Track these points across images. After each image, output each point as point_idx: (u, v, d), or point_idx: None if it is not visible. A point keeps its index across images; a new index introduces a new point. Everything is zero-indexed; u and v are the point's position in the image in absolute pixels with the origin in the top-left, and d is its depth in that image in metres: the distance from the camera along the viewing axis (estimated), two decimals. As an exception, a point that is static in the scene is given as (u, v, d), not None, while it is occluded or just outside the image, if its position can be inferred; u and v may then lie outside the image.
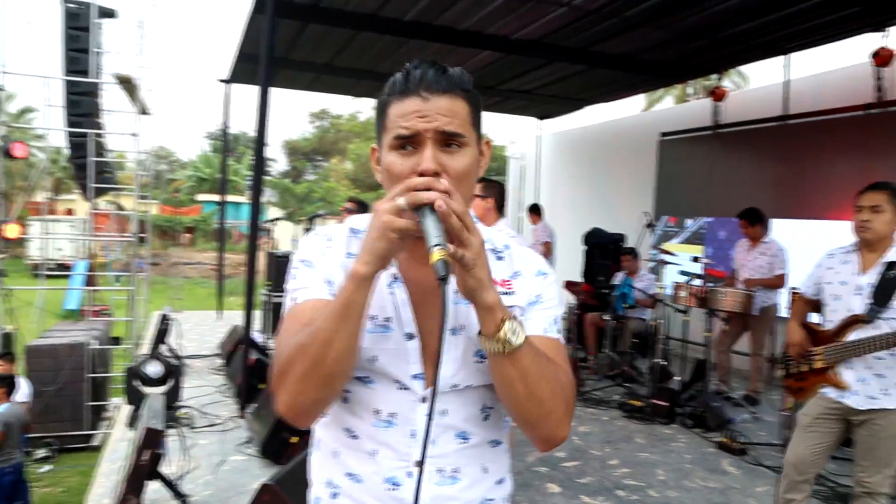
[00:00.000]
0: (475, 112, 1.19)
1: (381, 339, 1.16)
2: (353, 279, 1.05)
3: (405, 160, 1.13)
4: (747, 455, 4.85)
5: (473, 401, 1.21)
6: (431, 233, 1.01)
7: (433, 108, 1.12)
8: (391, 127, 1.15)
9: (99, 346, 9.12)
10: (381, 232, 1.03)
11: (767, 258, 6.13)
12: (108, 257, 17.88)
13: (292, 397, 1.09)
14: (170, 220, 27.92)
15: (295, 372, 1.07)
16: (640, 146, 9.92)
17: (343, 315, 1.04)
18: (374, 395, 1.18)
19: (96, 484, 4.36)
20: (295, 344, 1.08)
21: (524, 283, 1.26)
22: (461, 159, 1.14)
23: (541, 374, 1.13)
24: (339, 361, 1.06)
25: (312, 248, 1.24)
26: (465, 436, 1.20)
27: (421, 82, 1.13)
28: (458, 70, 1.17)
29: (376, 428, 1.18)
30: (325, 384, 1.08)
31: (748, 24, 6.62)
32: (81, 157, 9.80)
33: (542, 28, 7.09)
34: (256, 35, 6.99)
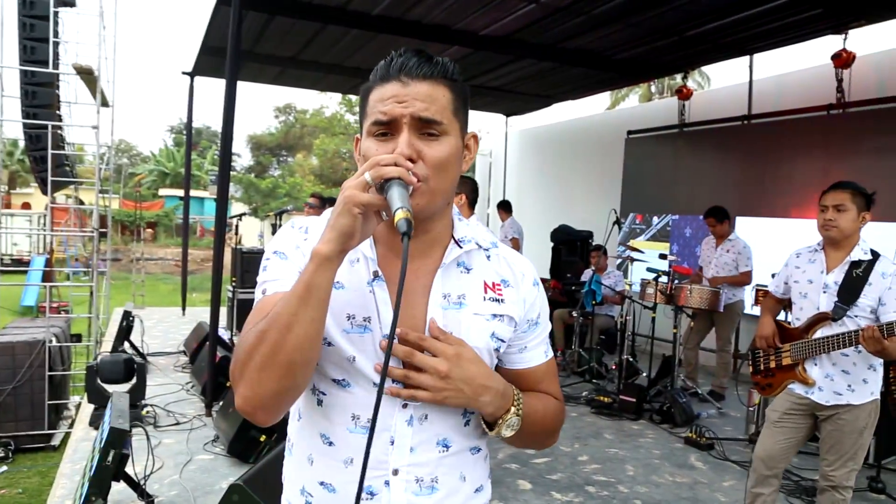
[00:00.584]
0: (459, 102, 1.14)
1: (360, 340, 1.11)
2: (315, 259, 0.99)
3: (381, 146, 1.09)
4: (714, 450, 4.93)
5: (455, 408, 1.17)
6: (396, 199, 0.98)
7: (411, 94, 1.08)
8: (370, 112, 1.11)
9: (59, 343, 8.89)
10: (344, 207, 0.98)
11: (732, 255, 6.24)
12: (67, 253, 17.43)
13: (251, 388, 1.01)
14: (131, 215, 27.31)
15: (254, 360, 1.00)
16: (606, 144, 10.01)
17: (303, 297, 0.98)
18: (352, 399, 1.13)
19: (58, 485, 4.25)
20: (255, 331, 1.02)
21: (516, 294, 1.23)
22: (439, 147, 1.09)
23: (539, 428, 1.22)
24: (299, 349, 0.99)
25: (287, 240, 1.19)
26: (446, 444, 1.16)
27: (402, 68, 1.10)
28: (446, 59, 1.13)
29: (353, 434, 1.13)
30: (285, 373, 1.00)
31: (714, 24, 6.71)
32: (39, 149, 9.52)
33: (511, 24, 7.09)
34: (221, 27, 6.87)
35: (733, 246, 6.28)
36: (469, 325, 1.15)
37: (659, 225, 9.08)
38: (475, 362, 1.12)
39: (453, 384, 1.09)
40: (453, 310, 1.15)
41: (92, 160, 11.88)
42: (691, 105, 8.65)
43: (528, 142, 12.65)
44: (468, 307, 1.17)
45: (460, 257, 1.19)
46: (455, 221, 1.22)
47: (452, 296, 1.16)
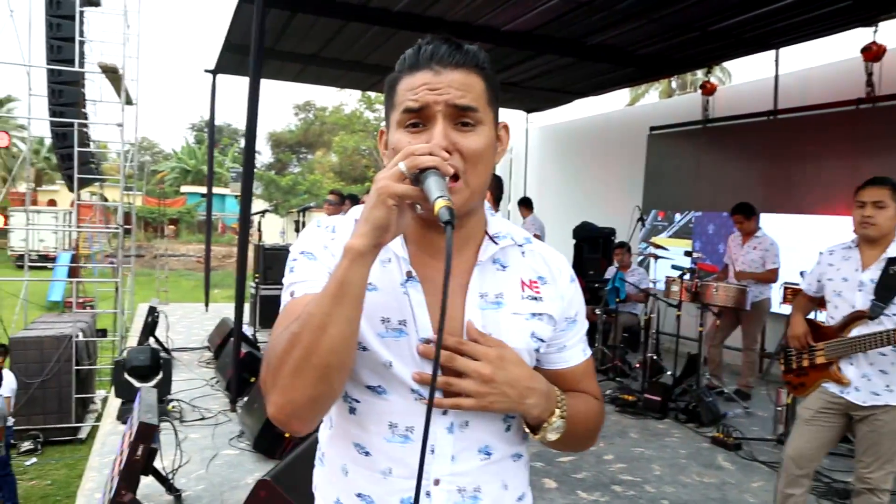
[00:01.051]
0: (492, 91, 1.09)
1: (396, 345, 1.06)
2: (348, 254, 0.94)
3: (414, 138, 1.03)
4: (742, 450, 4.87)
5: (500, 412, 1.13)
6: (434, 188, 0.93)
7: (444, 81, 1.03)
8: (399, 102, 1.06)
9: (85, 338, 9.02)
10: (378, 198, 0.93)
11: (760, 252, 6.16)
12: (92, 249, 17.66)
13: (284, 395, 0.96)
14: (154, 212, 27.65)
15: (287, 365, 0.94)
16: (628, 140, 9.93)
17: (337, 296, 0.93)
18: (389, 406, 1.08)
19: (87, 478, 4.30)
20: (286, 333, 0.96)
21: (554, 291, 1.18)
22: (476, 139, 1.04)
23: (581, 430, 1.18)
24: (335, 350, 0.94)
25: (315, 240, 1.14)
26: (487, 451, 1.12)
27: (433, 56, 1.05)
28: (475, 47, 1.08)
29: (391, 444, 1.08)
30: (320, 377, 0.94)
31: (738, 18, 6.62)
32: (66, 147, 9.65)
33: (534, 20, 7.05)
34: (244, 25, 6.89)
35: (760, 243, 6.20)
36: (508, 325, 1.11)
37: (681, 222, 9.00)
38: (518, 364, 1.08)
39: (498, 388, 1.04)
40: (491, 310, 1.10)
41: (116, 158, 12.01)
42: (715, 101, 8.55)
43: (549, 138, 12.59)
44: (506, 307, 1.12)
45: (496, 254, 1.14)
46: (488, 216, 1.17)
47: (490, 295, 1.11)
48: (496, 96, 1.11)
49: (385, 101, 1.13)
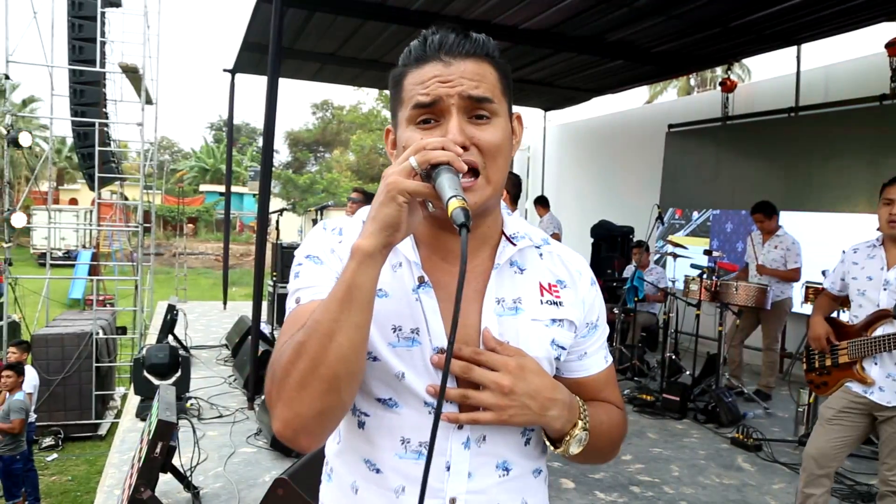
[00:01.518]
0: (505, 81, 1.03)
1: (408, 354, 0.99)
2: (356, 255, 0.88)
3: (427, 134, 0.97)
4: (762, 451, 4.81)
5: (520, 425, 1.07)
6: (447, 186, 0.87)
7: (456, 72, 0.97)
8: (408, 97, 1.00)
9: (105, 335, 9.12)
10: (387, 195, 0.87)
11: (781, 251, 6.08)
12: (112, 247, 17.85)
13: (290, 408, 0.89)
14: (173, 211, 27.90)
15: (292, 377, 0.88)
16: (647, 138, 9.85)
17: (345, 300, 0.87)
18: (400, 420, 1.01)
19: (107, 475, 4.34)
20: (292, 343, 0.90)
21: (574, 295, 1.12)
22: (494, 131, 0.98)
23: (604, 441, 1.11)
24: (344, 359, 0.88)
25: (320, 243, 1.07)
26: (506, 466, 1.05)
27: (441, 46, 0.99)
28: (484, 35, 1.02)
29: (404, 461, 1.01)
30: (328, 388, 0.88)
31: (759, 14, 6.54)
32: (87, 146, 9.76)
33: (552, 17, 7.01)
34: (262, 24, 6.92)
35: (781, 242, 6.12)
36: (527, 333, 1.04)
37: (699, 220, 8.91)
38: (539, 374, 1.01)
39: (518, 400, 0.97)
40: (509, 316, 1.03)
41: (136, 157, 12.13)
42: (735, 98, 8.46)
43: (567, 136, 12.53)
44: (525, 312, 1.05)
45: (514, 256, 1.08)
46: (504, 216, 1.11)
47: (507, 300, 1.05)
48: (509, 86, 1.05)
49: (391, 98, 1.07)
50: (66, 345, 8.58)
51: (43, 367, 8.09)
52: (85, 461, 8.27)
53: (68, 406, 8.63)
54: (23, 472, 6.55)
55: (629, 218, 8.98)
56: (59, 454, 8.58)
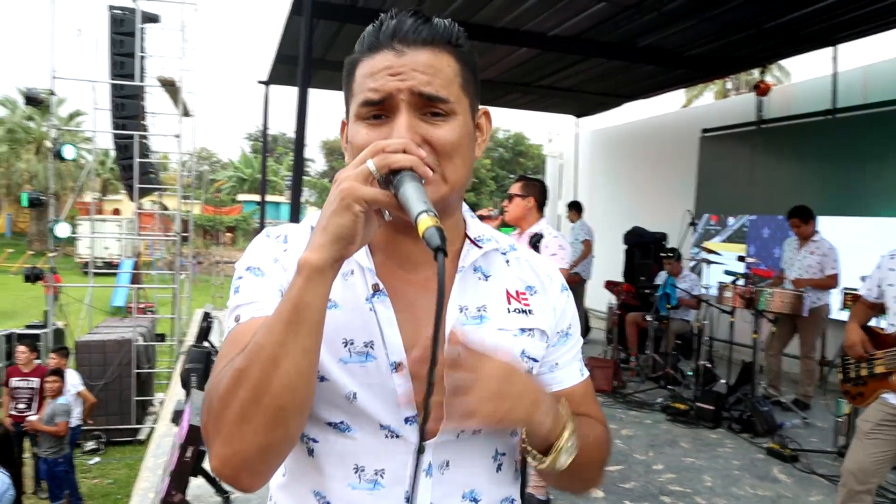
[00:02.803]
0: (468, 73, 0.93)
1: (362, 371, 0.89)
2: (304, 271, 0.78)
3: (374, 131, 0.88)
4: (799, 462, 4.69)
5: (483, 448, 0.96)
6: (415, 199, 0.77)
7: (409, 64, 0.87)
8: (358, 90, 0.90)
9: (144, 342, 9.34)
10: (341, 203, 0.77)
11: (818, 257, 5.94)
12: (153, 256, 18.27)
13: (229, 445, 0.78)
14: (211, 220, 28.43)
15: (231, 409, 0.78)
16: (680, 143, 9.74)
17: (291, 322, 0.77)
18: (354, 446, 0.90)
19: (142, 478, 4.44)
20: (229, 370, 0.80)
21: (545, 302, 1.03)
22: (448, 129, 0.89)
23: (590, 459, 0.97)
24: (290, 388, 0.77)
25: (262, 253, 0.95)
26: (474, 497, 0.95)
27: (395, 33, 0.89)
28: (447, 21, 0.93)
29: (357, 492, 0.90)
30: (273, 422, 0.78)
31: (794, 14, 6.43)
32: (127, 158, 10.04)
33: (581, 24, 7.00)
34: (294, 36, 7.04)
35: (818, 247, 5.98)
36: (493, 343, 0.92)
37: (735, 226, 8.76)
38: (522, 372, 0.90)
39: (508, 401, 0.84)
40: (472, 325, 0.94)
41: (175, 168, 12.42)
42: (770, 101, 8.31)
43: (599, 143, 12.45)
44: (490, 321, 0.96)
45: (478, 261, 0.99)
46: (467, 218, 1.02)
47: (471, 308, 0.95)
48: (473, 78, 0.95)
49: (343, 88, 0.97)
50: (107, 351, 8.83)
51: (85, 372, 8.33)
52: (125, 465, 8.47)
53: (109, 411, 8.87)
54: (65, 473, 6.76)
55: (663, 224, 8.87)
56: (100, 458, 8.81)
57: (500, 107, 11.75)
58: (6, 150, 29.07)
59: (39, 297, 11.54)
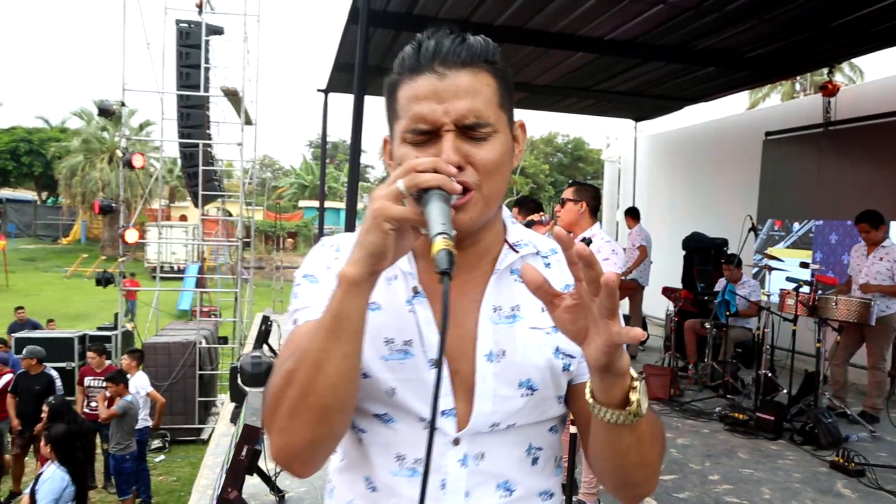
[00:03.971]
0: (504, 89, 0.97)
1: (401, 368, 0.96)
2: (342, 283, 0.84)
3: (421, 152, 0.93)
4: (865, 477, 4.50)
5: (518, 441, 1.00)
6: (435, 219, 0.82)
7: (450, 89, 0.92)
8: (403, 114, 0.95)
9: (208, 344, 9.65)
10: (372, 222, 0.83)
11: (887, 264, 5.70)
12: (217, 261, 18.85)
13: (282, 437, 0.88)
14: (273, 226, 29.14)
15: (283, 406, 0.87)
16: (742, 147, 9.49)
17: (332, 329, 0.84)
18: (396, 436, 0.97)
19: (201, 475, 4.60)
20: (282, 371, 0.89)
21: None
22: (490, 149, 0.94)
23: (654, 435, 0.93)
24: (333, 389, 0.85)
25: (317, 261, 1.04)
26: (508, 486, 0.98)
27: (436, 55, 0.93)
28: (482, 38, 0.97)
29: (398, 479, 0.96)
30: (319, 419, 0.86)
31: (862, 11, 6.18)
32: (192, 166, 10.42)
33: (638, 27, 6.91)
34: (352, 45, 7.18)
35: (888, 253, 5.73)
36: (525, 341, 0.98)
37: (800, 231, 8.47)
38: None
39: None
40: (505, 325, 0.98)
41: (238, 175, 12.82)
42: (838, 102, 8.02)
43: (658, 147, 12.23)
44: (523, 320, 1.00)
45: (515, 264, 1.03)
46: (508, 224, 1.07)
47: (504, 308, 1.00)
48: (509, 93, 0.99)
49: (386, 107, 1.02)
50: (172, 353, 9.17)
51: (152, 373, 8.66)
52: (189, 463, 8.76)
53: (174, 411, 9.20)
54: (136, 471, 7.04)
55: (723, 230, 8.66)
56: (166, 456, 9.14)
57: (559, 111, 11.69)
58: (81, 160, 30.47)
59: (111, 300, 12.08)
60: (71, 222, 35.62)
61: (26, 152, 34.47)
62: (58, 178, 31.56)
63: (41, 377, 7.78)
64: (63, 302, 20.51)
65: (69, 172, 30.29)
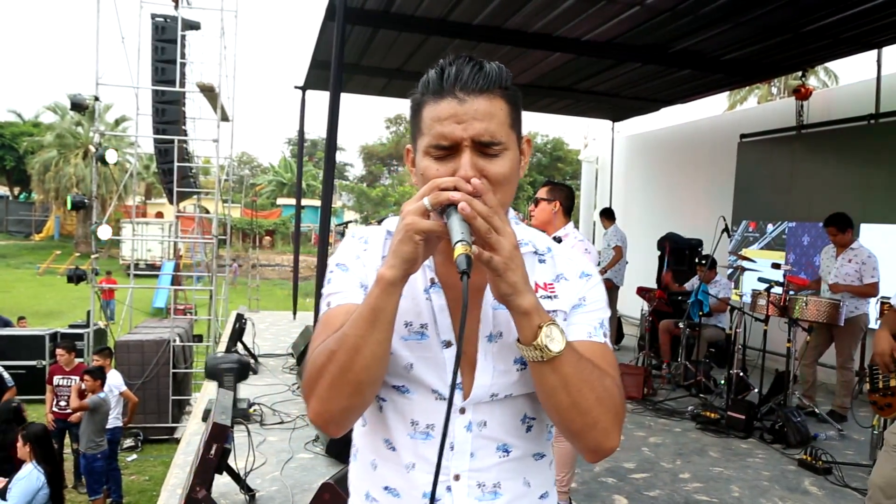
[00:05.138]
0: (515, 111, 1.13)
1: (418, 347, 1.13)
2: (380, 284, 1.02)
3: (441, 165, 1.09)
4: (832, 475, 4.56)
5: (514, 411, 1.17)
6: (455, 230, 0.98)
7: (469, 112, 1.07)
8: (426, 131, 1.11)
9: (181, 342, 9.54)
10: (405, 234, 1.00)
11: (856, 265, 5.79)
12: (193, 258, 18.66)
13: (321, 404, 1.07)
14: (251, 223, 28.92)
15: (324, 378, 1.05)
16: (718, 148, 9.59)
17: (370, 320, 1.02)
18: (411, 405, 1.15)
19: (171, 474, 4.54)
20: (324, 349, 1.06)
21: (567, 287, 1.20)
22: (501, 164, 1.09)
23: (584, 382, 1.06)
24: (367, 369, 1.03)
25: (348, 251, 1.22)
26: (506, 448, 1.16)
27: (457, 82, 1.08)
28: (497, 66, 1.11)
29: (414, 440, 1.15)
30: (354, 392, 1.05)
31: (835, 17, 6.29)
32: (167, 162, 10.28)
33: (615, 28, 6.95)
34: (329, 42, 7.13)
35: (856, 255, 5.82)
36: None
37: (774, 233, 8.58)
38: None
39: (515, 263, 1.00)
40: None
41: (215, 172, 12.70)
42: (810, 105, 8.13)
43: (635, 148, 12.32)
44: None
45: None
46: (513, 225, 1.17)
47: None
48: (518, 114, 1.15)
49: (410, 123, 1.18)
50: (145, 351, 9.04)
51: (124, 371, 8.54)
52: (161, 462, 8.65)
53: (147, 409, 9.07)
54: (106, 470, 6.94)
55: (699, 230, 8.75)
56: (138, 455, 9.02)
57: (537, 111, 11.71)
58: (55, 155, 30.00)
59: (83, 298, 11.90)
60: (44, 218, 35.06)
61: (-2, 146, 33.87)
62: (31, 174, 31.02)
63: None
64: (35, 299, 20.19)
65: (42, 168, 29.81)
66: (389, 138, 46.11)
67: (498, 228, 1.00)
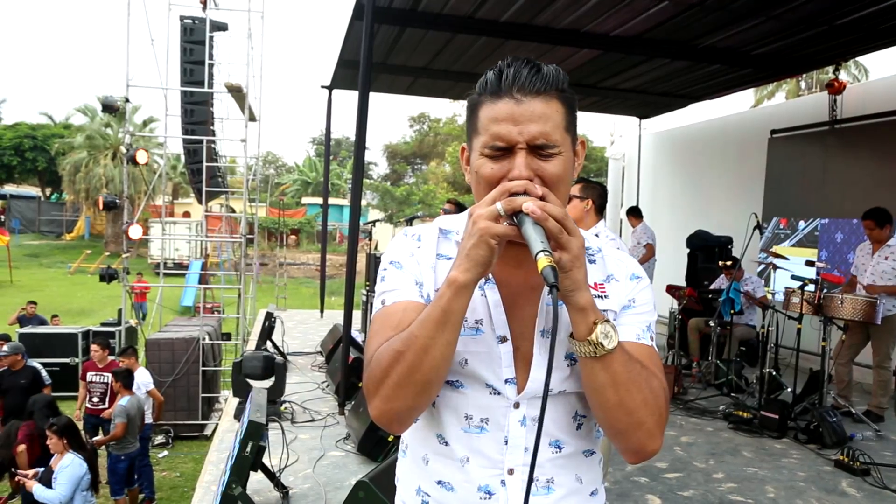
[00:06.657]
0: (570, 114, 1.14)
1: (472, 342, 1.13)
2: (452, 286, 1.01)
3: (497, 164, 1.10)
4: (870, 476, 4.48)
5: (566, 408, 1.17)
6: (535, 238, 0.98)
7: (526, 114, 1.08)
8: (483, 131, 1.11)
9: (210, 340, 9.64)
10: (480, 239, 1.00)
11: (893, 262, 5.67)
12: (221, 257, 18.85)
13: (387, 403, 1.07)
14: (276, 223, 29.15)
15: (390, 378, 1.05)
16: (748, 145, 9.46)
17: (441, 322, 1.02)
18: (465, 399, 1.15)
19: (205, 471, 4.59)
20: (390, 349, 1.05)
21: (617, 288, 1.21)
22: (555, 165, 1.10)
23: (632, 381, 1.07)
24: (435, 369, 1.04)
25: (401, 249, 1.22)
26: (558, 444, 1.16)
27: (514, 83, 1.09)
28: (554, 68, 1.12)
29: (468, 434, 1.15)
30: (420, 391, 1.06)
31: (869, 9, 6.15)
32: (196, 162, 10.40)
33: (643, 24, 6.88)
34: (356, 41, 7.16)
35: (893, 252, 5.71)
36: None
37: (806, 230, 8.44)
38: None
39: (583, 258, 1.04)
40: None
41: (242, 171, 12.82)
42: (844, 100, 7.98)
43: (663, 144, 12.19)
44: None
45: None
46: None
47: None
48: (574, 116, 1.16)
49: (466, 122, 1.19)
50: (175, 349, 9.15)
51: (155, 369, 8.65)
52: (192, 459, 8.76)
53: (177, 407, 9.19)
54: (139, 466, 7.02)
55: (728, 228, 8.64)
56: (169, 451, 9.14)
57: (562, 109, 11.62)
58: (85, 156, 30.47)
59: (115, 297, 12.11)
60: (75, 218, 35.63)
61: (30, 148, 34.45)
62: (62, 175, 31.52)
63: (25, 371, 7.79)
64: (67, 298, 20.54)
65: (73, 168, 30.28)
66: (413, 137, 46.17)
67: (570, 230, 1.01)
